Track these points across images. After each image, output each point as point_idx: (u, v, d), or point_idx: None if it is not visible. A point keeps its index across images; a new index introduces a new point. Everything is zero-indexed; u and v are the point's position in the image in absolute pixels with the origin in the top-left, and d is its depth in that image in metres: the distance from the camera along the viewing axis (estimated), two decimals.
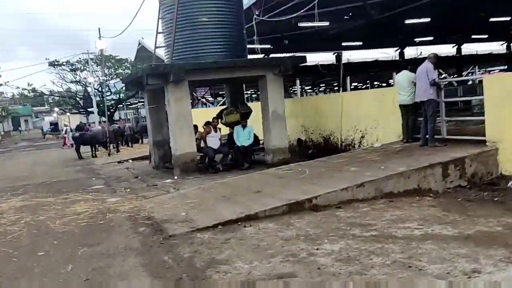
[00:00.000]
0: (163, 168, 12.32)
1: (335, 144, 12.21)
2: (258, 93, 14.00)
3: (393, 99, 9.65)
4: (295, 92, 42.25)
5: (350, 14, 18.73)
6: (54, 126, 64.13)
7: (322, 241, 4.85)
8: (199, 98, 32.24)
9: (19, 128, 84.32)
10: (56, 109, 63.78)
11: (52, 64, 41.09)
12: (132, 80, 11.86)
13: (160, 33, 11.07)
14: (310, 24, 17.89)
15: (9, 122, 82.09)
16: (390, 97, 9.89)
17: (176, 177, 10.32)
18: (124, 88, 34.54)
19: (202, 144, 11.06)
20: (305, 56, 11.45)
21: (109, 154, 17.70)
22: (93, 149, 18.22)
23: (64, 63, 41.41)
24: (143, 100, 46.69)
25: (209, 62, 10.22)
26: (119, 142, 19.91)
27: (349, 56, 28.01)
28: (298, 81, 31.47)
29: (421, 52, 27.35)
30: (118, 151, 19.05)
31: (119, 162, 14.99)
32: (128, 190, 9.25)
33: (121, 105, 50.61)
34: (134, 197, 8.33)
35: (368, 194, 6.57)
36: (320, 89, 52.83)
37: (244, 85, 14.69)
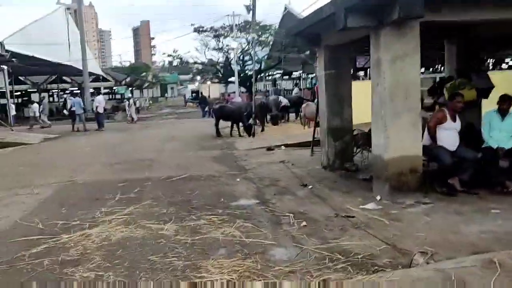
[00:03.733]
0: (341, 170, 7.85)
1: None
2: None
3: None
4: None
5: None
6: (196, 94, 65.78)
7: None
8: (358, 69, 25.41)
9: (166, 95, 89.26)
10: (198, 77, 64.53)
11: (197, 30, 39.85)
12: (309, 26, 7.40)
13: None
14: None
15: (158, 88, 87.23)
16: None
17: (379, 198, 5.74)
18: (290, 42, 29.58)
19: (426, 141, 6.19)
20: None
21: (253, 134, 13.91)
22: (233, 127, 14.67)
23: (208, 29, 39.90)
24: (283, 70, 42.99)
25: None
26: (264, 119, 16.05)
27: None
28: None
29: None
30: (263, 130, 15.22)
31: (268, 149, 10.97)
32: (304, 223, 4.93)
33: (260, 76, 47.61)
34: (328, 251, 3.97)
35: None
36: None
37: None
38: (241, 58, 41.31)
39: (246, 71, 43.04)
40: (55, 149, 13.08)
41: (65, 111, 24.63)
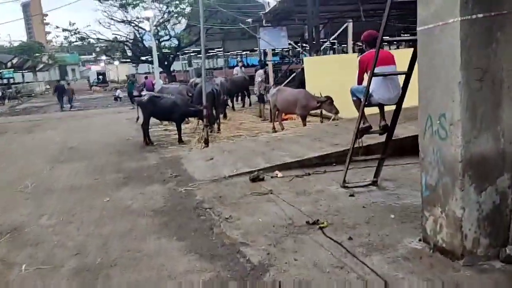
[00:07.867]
0: (498, 263, 3.15)
1: None
2: None
3: None
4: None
5: None
6: (102, 77, 58.05)
7: None
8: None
9: (66, 78, 78.71)
10: (103, 57, 56.08)
11: None
12: None
13: None
14: None
15: (56, 71, 76.72)
16: None
17: None
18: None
19: None
20: None
21: (206, 142, 8.61)
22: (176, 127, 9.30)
23: None
24: (202, 49, 36.91)
25: None
26: (219, 112, 10.76)
27: None
28: None
29: None
30: (218, 128, 10.05)
31: (254, 179, 5.85)
32: None
33: (177, 54, 40.86)
34: None
35: None
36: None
37: None
38: (156, 32, 34.67)
39: (162, 49, 36.50)
40: None
41: None
